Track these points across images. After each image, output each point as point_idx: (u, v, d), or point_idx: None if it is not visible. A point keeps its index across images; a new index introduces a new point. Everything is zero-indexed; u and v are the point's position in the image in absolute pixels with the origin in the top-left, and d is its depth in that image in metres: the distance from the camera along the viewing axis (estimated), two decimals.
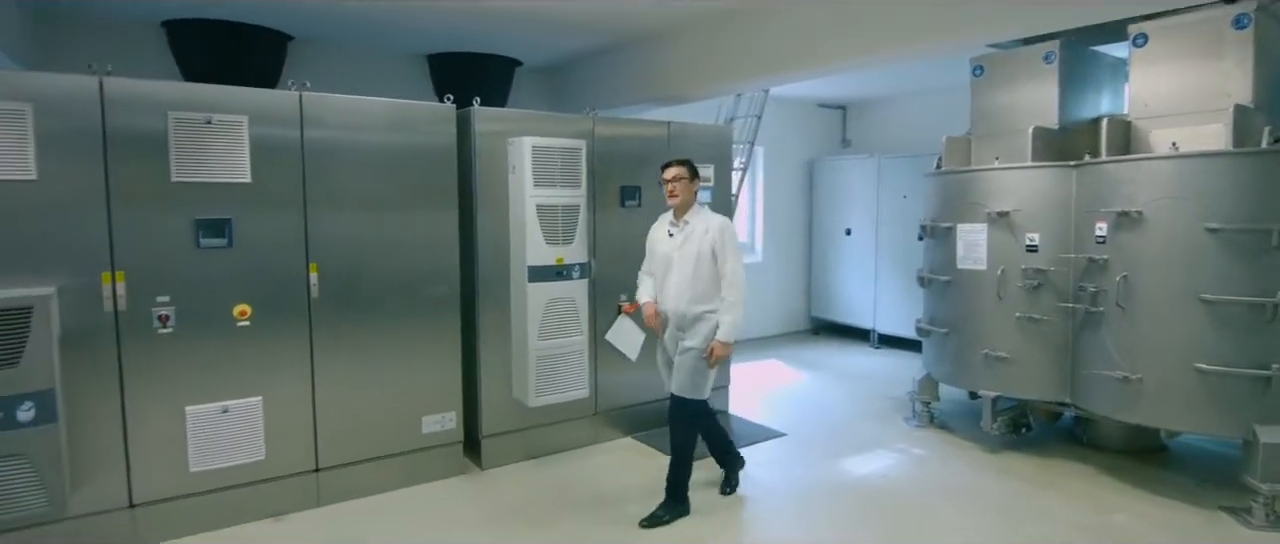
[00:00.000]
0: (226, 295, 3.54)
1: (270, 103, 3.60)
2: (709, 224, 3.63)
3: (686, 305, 3.61)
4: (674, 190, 3.67)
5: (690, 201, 3.70)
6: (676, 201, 3.68)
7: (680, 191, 3.66)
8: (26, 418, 3.00)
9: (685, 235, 3.65)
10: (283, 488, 3.75)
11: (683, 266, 3.63)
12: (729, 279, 3.56)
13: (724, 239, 3.59)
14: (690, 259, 3.61)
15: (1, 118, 3.02)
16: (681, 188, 3.66)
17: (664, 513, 3.70)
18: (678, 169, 3.67)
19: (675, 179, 3.66)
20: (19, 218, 3.08)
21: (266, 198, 3.59)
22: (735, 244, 3.64)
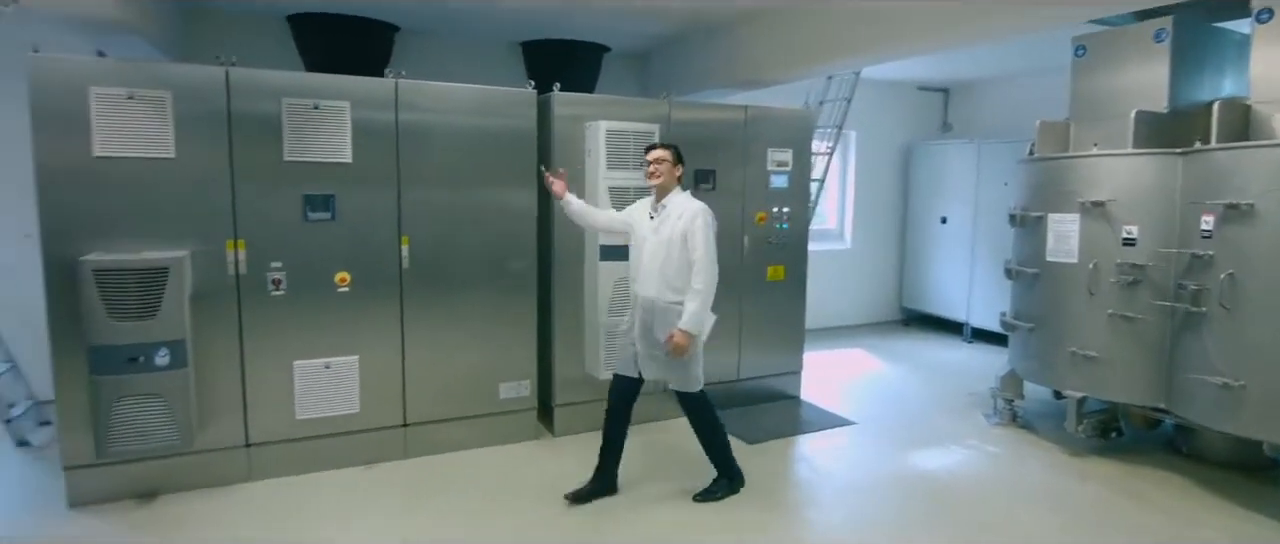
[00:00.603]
0: (329, 264, 3.94)
1: (369, 89, 3.95)
2: (684, 209, 3.53)
3: (657, 292, 3.55)
4: (655, 172, 3.60)
5: (670, 186, 3.63)
6: (657, 182, 3.62)
7: (661, 173, 3.59)
8: (163, 363, 3.50)
9: (661, 219, 3.59)
10: (373, 439, 4.15)
11: (655, 252, 3.56)
12: (697, 266, 3.47)
13: (696, 225, 3.48)
14: (663, 245, 3.54)
15: (147, 103, 3.50)
16: (664, 170, 3.59)
17: (717, 489, 3.80)
18: (661, 151, 3.62)
19: (657, 161, 3.60)
20: (160, 190, 3.57)
21: (365, 176, 3.95)
22: (708, 232, 3.52)
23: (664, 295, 3.55)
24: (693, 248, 3.48)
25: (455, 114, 4.14)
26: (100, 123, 3.43)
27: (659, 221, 3.60)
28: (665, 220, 3.57)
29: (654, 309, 3.58)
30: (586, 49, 5.83)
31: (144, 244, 3.54)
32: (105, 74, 3.43)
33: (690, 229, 3.48)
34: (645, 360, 3.67)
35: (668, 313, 3.53)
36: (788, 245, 5.16)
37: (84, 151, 3.42)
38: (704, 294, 3.47)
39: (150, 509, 3.59)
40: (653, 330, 3.59)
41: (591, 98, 4.57)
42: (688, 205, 3.56)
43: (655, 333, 3.58)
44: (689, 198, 3.64)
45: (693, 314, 3.45)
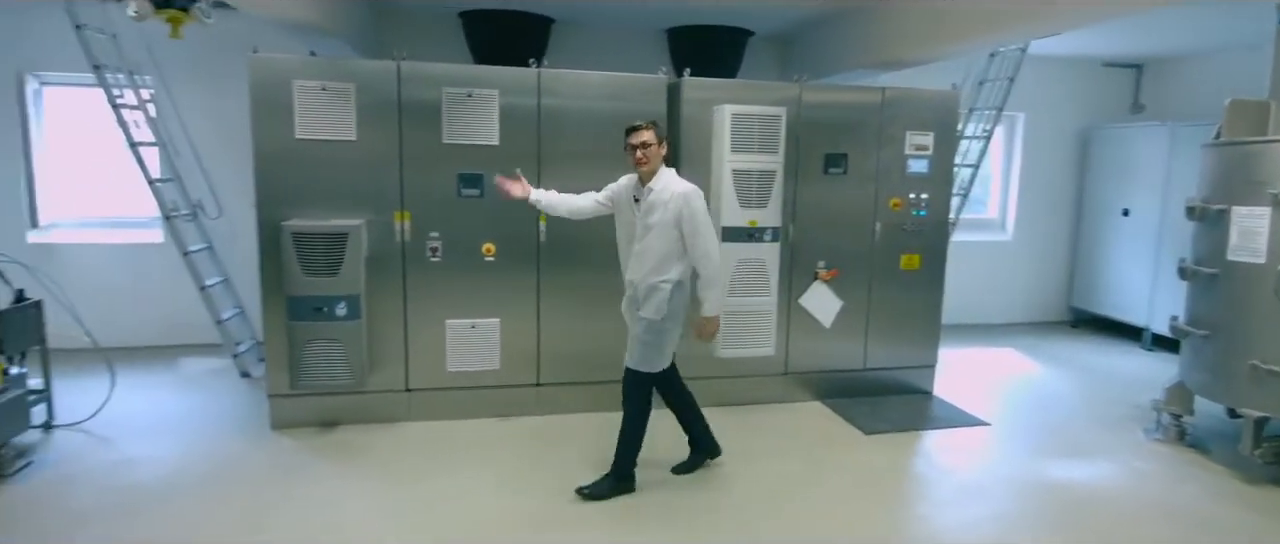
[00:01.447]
0: (478, 235, 4.41)
1: (515, 78, 4.35)
2: (674, 192, 3.36)
3: (642, 276, 3.45)
4: (644, 157, 3.40)
5: (658, 166, 3.46)
6: (648, 168, 3.42)
7: (651, 157, 3.40)
8: (341, 314, 4.14)
9: (649, 203, 3.43)
10: (510, 395, 4.61)
11: (645, 237, 3.43)
12: (701, 258, 3.37)
13: (692, 211, 3.33)
14: (653, 229, 3.41)
15: (336, 94, 4.13)
16: (654, 154, 3.40)
17: (603, 486, 3.56)
18: (648, 133, 3.40)
19: (644, 146, 3.38)
20: (343, 168, 4.20)
21: (510, 156, 4.35)
22: (704, 215, 3.38)
23: (648, 278, 3.44)
24: (694, 238, 3.35)
25: (590, 99, 4.44)
26: (301, 110, 4.10)
27: (646, 205, 3.44)
28: (654, 205, 3.40)
29: (635, 290, 3.52)
30: (728, 33, 5.91)
31: (330, 213, 4.19)
32: (304, 69, 4.09)
33: (684, 214, 3.34)
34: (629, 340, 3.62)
35: (653, 293, 3.42)
36: (924, 233, 4.95)
37: (288, 134, 4.11)
38: (716, 283, 3.45)
39: (329, 436, 4.28)
40: (636, 310, 3.52)
41: (720, 82, 4.66)
42: (676, 188, 3.38)
43: (640, 312, 3.48)
44: (676, 178, 3.46)
45: (714, 302, 3.47)
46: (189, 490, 3.60)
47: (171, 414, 4.63)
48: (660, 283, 3.42)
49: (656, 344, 3.50)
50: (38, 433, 4.22)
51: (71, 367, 4.79)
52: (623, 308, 3.75)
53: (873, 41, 5.28)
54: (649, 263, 3.45)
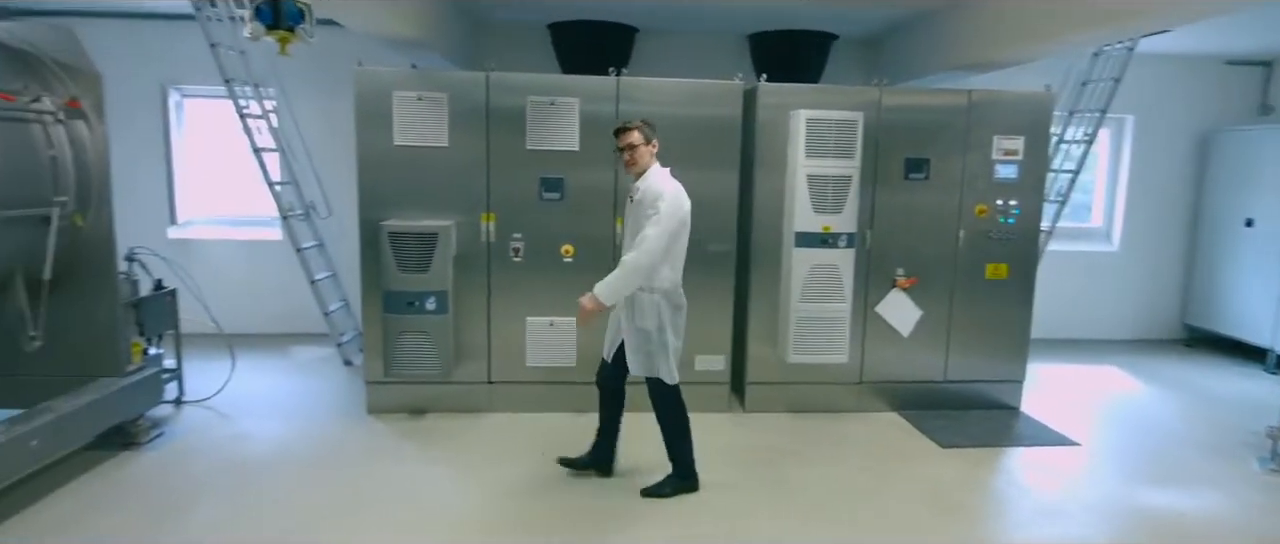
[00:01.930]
0: (557, 237, 4.61)
1: (595, 86, 4.52)
2: (656, 191, 3.36)
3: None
4: (631, 159, 3.43)
5: (648, 165, 3.45)
6: (635, 169, 3.45)
7: (637, 158, 3.41)
8: (431, 308, 4.44)
9: (637, 202, 3.45)
10: (583, 391, 4.72)
11: (629, 235, 3.48)
12: (638, 245, 3.28)
13: (658, 207, 3.30)
14: (631, 228, 3.47)
15: (431, 103, 4.44)
16: (640, 155, 3.41)
17: (665, 486, 3.65)
18: (634, 134, 3.42)
19: (631, 147, 3.41)
20: (436, 172, 4.50)
21: (589, 162, 4.54)
22: (670, 214, 3.30)
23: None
24: (646, 225, 3.30)
25: (668, 105, 4.55)
26: (399, 119, 4.43)
27: (635, 203, 3.48)
28: (640, 204, 3.43)
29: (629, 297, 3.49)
30: (812, 38, 5.88)
31: (423, 214, 4.50)
32: (403, 81, 4.42)
33: (653, 209, 3.32)
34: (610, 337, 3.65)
35: (638, 300, 3.43)
36: (1013, 241, 4.76)
37: (387, 141, 4.45)
38: (629, 269, 3.29)
39: (418, 422, 4.59)
40: (626, 317, 3.51)
41: (796, 87, 4.66)
42: (654, 186, 3.39)
43: (625, 319, 3.51)
44: (659, 177, 3.44)
45: (607, 282, 3.31)
46: (292, 465, 3.96)
47: (282, 396, 5.09)
48: (644, 292, 3.40)
49: (663, 352, 3.48)
50: (170, 407, 4.74)
51: (199, 350, 5.33)
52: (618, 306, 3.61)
53: (963, 42, 5.13)
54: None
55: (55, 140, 3.72)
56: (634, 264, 3.29)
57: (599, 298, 3.32)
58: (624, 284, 3.33)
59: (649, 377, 3.55)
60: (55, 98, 3.77)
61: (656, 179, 3.44)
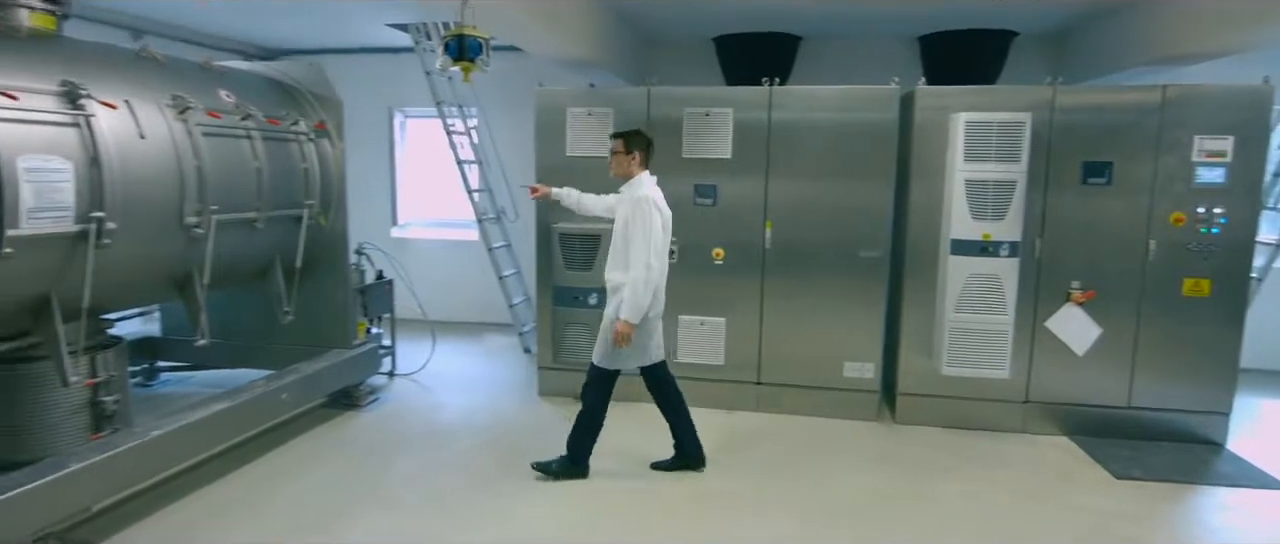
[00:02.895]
0: (709, 240, 4.86)
1: (748, 96, 4.71)
2: (636, 196, 3.63)
3: (609, 272, 3.78)
4: (613, 163, 3.82)
5: (630, 172, 3.77)
6: (616, 173, 3.81)
7: (618, 164, 3.79)
8: (593, 303, 4.88)
9: (620, 204, 3.78)
10: (733, 390, 4.96)
11: (616, 236, 3.73)
12: (634, 262, 3.53)
13: (635, 214, 3.57)
14: (615, 229, 3.74)
15: (598, 117, 4.89)
16: (619, 161, 3.78)
17: (555, 464, 3.84)
18: (615, 142, 3.81)
19: (613, 152, 3.81)
20: (602, 180, 4.88)
21: (740, 169, 4.74)
22: (646, 221, 3.54)
23: (611, 276, 3.74)
24: (631, 239, 3.57)
25: (820, 112, 4.62)
26: (572, 132, 4.94)
27: (620, 205, 3.79)
28: (618, 206, 3.79)
29: (607, 289, 3.79)
30: (987, 37, 5.58)
31: (589, 218, 4.94)
32: (575, 98, 4.92)
33: (631, 217, 3.59)
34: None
35: (615, 293, 3.68)
36: (1218, 254, 4.19)
37: (561, 152, 4.97)
38: (635, 282, 3.51)
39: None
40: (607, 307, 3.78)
41: (958, 89, 4.49)
42: (636, 192, 3.68)
43: (607, 309, 3.77)
44: (642, 183, 3.73)
45: (626, 303, 3.54)
46: (473, 433, 4.59)
47: (472, 375, 5.85)
48: (621, 284, 3.65)
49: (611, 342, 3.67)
50: (384, 378, 5.65)
51: (408, 332, 6.27)
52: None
53: (1163, 33, 4.61)
54: (611, 260, 3.78)
55: (307, 155, 4.66)
56: (638, 275, 3.56)
57: (628, 320, 3.59)
58: (639, 299, 3.57)
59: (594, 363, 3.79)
60: (308, 121, 4.73)
61: (639, 185, 3.75)
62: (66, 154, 3.14)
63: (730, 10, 5.32)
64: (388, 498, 3.71)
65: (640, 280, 3.54)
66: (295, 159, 4.59)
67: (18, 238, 2.95)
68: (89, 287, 3.29)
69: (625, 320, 3.57)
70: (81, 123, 3.22)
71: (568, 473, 3.88)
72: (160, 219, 3.64)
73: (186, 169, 3.73)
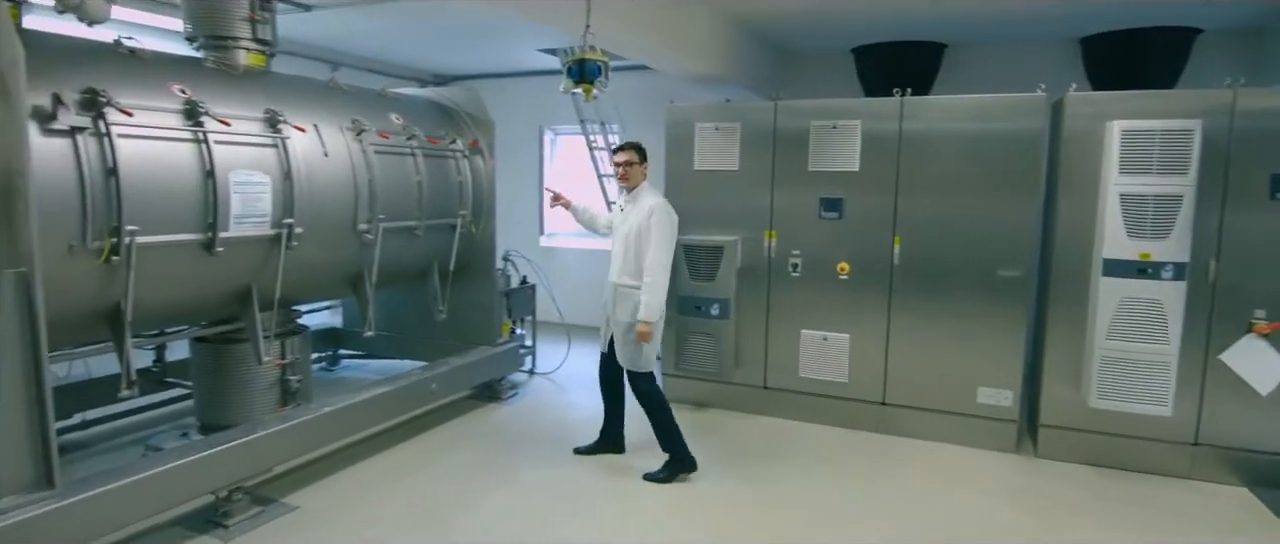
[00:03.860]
0: (834, 254, 4.79)
1: (878, 108, 4.61)
2: (648, 204, 3.88)
3: (617, 277, 3.97)
4: (625, 174, 3.99)
5: (638, 182, 4.00)
6: (627, 183, 4.01)
7: (630, 175, 3.98)
8: (715, 313, 4.98)
9: (627, 213, 3.98)
10: (855, 408, 4.83)
11: (619, 242, 3.98)
12: (648, 262, 3.78)
13: (652, 222, 3.81)
14: (626, 235, 3.93)
15: (725, 132, 5.00)
16: (631, 172, 3.98)
17: (662, 472, 3.98)
18: (627, 154, 3.99)
19: (625, 164, 3.99)
20: (726, 193, 5.04)
21: (868, 182, 4.64)
22: (664, 228, 3.81)
23: (622, 280, 3.94)
24: (646, 243, 3.82)
25: (956, 122, 4.41)
26: (699, 146, 5.09)
27: (625, 214, 4.01)
28: (629, 215, 3.97)
29: (615, 292, 3.98)
30: (1163, 35, 5.02)
31: (714, 230, 5.08)
32: (703, 114, 5.07)
33: (646, 226, 3.83)
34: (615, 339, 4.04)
35: (626, 296, 3.91)
36: None
37: (689, 166, 5.14)
38: (653, 287, 3.77)
39: (699, 413, 5.16)
40: (614, 311, 3.98)
41: (1115, 95, 4.09)
42: (649, 201, 3.92)
43: (616, 313, 3.97)
44: (652, 193, 4.01)
45: (645, 304, 3.78)
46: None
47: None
48: (630, 289, 3.90)
49: (643, 347, 3.90)
50: (525, 375, 6.09)
51: (550, 334, 6.70)
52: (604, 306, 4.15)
53: None
54: (620, 265, 3.97)
55: (461, 171, 5.19)
56: (656, 278, 3.82)
57: (648, 320, 3.82)
58: (655, 299, 3.81)
59: (631, 370, 4.02)
60: (463, 140, 5.26)
61: (648, 195, 4.00)
62: (266, 170, 3.78)
63: (871, 21, 5.22)
64: (512, 482, 4.05)
65: (660, 283, 3.80)
66: (451, 174, 5.12)
67: (227, 239, 3.59)
68: (280, 281, 3.93)
69: (645, 320, 3.81)
70: (279, 144, 3.86)
71: (679, 469, 4.02)
72: (338, 226, 4.24)
73: (360, 183, 4.32)
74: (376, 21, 5.63)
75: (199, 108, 3.47)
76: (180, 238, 3.40)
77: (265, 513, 3.61)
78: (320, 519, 3.59)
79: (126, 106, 3.16)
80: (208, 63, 3.92)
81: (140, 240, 3.20)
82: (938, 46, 5.81)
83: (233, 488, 3.55)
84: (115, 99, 3.12)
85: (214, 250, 3.54)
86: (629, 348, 3.97)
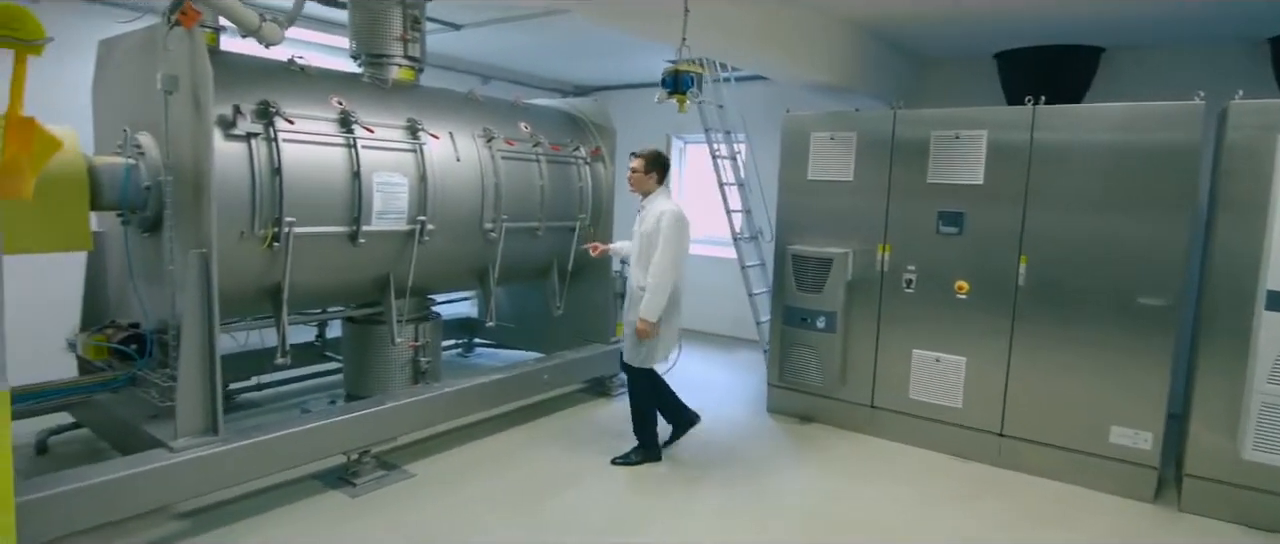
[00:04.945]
0: (952, 272, 4.54)
1: (1007, 117, 4.32)
2: (660, 210, 4.15)
3: (635, 279, 4.26)
4: (631, 180, 4.29)
5: (648, 189, 4.28)
6: (636, 190, 4.31)
7: (637, 182, 4.28)
8: (821, 326, 4.90)
9: (642, 217, 4.27)
10: (970, 436, 4.54)
11: (636, 245, 4.27)
12: (654, 263, 4.06)
13: (661, 225, 4.07)
14: (641, 239, 4.22)
15: (841, 142, 4.90)
16: (637, 179, 4.27)
17: (633, 455, 4.37)
18: (636, 161, 4.27)
19: (633, 171, 4.28)
20: (840, 204, 4.93)
21: (993, 196, 4.36)
22: (673, 232, 4.05)
23: (638, 280, 4.20)
24: (654, 246, 4.09)
25: (1096, 134, 4.03)
26: (814, 156, 5.03)
27: (640, 219, 4.28)
28: (644, 219, 4.24)
29: (631, 293, 4.28)
30: None
31: (826, 241, 4.99)
32: (818, 123, 5.00)
33: (655, 230, 4.11)
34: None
35: (637, 298, 4.17)
36: None
37: (802, 176, 5.09)
38: (656, 287, 4.04)
39: (803, 427, 5.09)
40: (628, 311, 4.28)
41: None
42: (660, 207, 4.19)
43: (627, 313, 4.29)
44: (664, 199, 4.27)
45: (647, 304, 4.06)
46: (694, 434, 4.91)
47: (712, 383, 6.21)
48: (642, 289, 4.14)
49: (649, 345, 4.17)
50: None
51: None
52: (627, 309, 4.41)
53: None
54: (638, 268, 4.23)
55: (582, 176, 5.49)
56: (659, 280, 4.07)
57: (647, 318, 4.09)
58: (657, 299, 4.07)
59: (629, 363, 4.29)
60: (586, 147, 5.57)
61: (660, 201, 4.26)
62: (404, 172, 4.26)
63: (1017, 23, 4.88)
64: (603, 472, 4.24)
65: (664, 286, 4.07)
66: (573, 179, 5.44)
67: (369, 232, 4.10)
68: (413, 271, 4.40)
69: (643, 318, 4.07)
70: (417, 150, 4.33)
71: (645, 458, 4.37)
72: (465, 224, 4.67)
73: (487, 186, 4.73)
74: (520, 37, 6.10)
75: (350, 117, 4.00)
76: (330, 229, 3.94)
77: (387, 477, 4.06)
78: (430, 488, 3.98)
79: (291, 115, 3.73)
80: (364, 78, 4.48)
81: (297, 230, 3.75)
82: (1094, 51, 5.30)
83: (362, 451, 4.03)
84: (283, 109, 3.70)
85: (357, 241, 4.06)
86: (632, 343, 4.25)
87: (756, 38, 4.34)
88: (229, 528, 3.46)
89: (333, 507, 3.73)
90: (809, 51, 4.80)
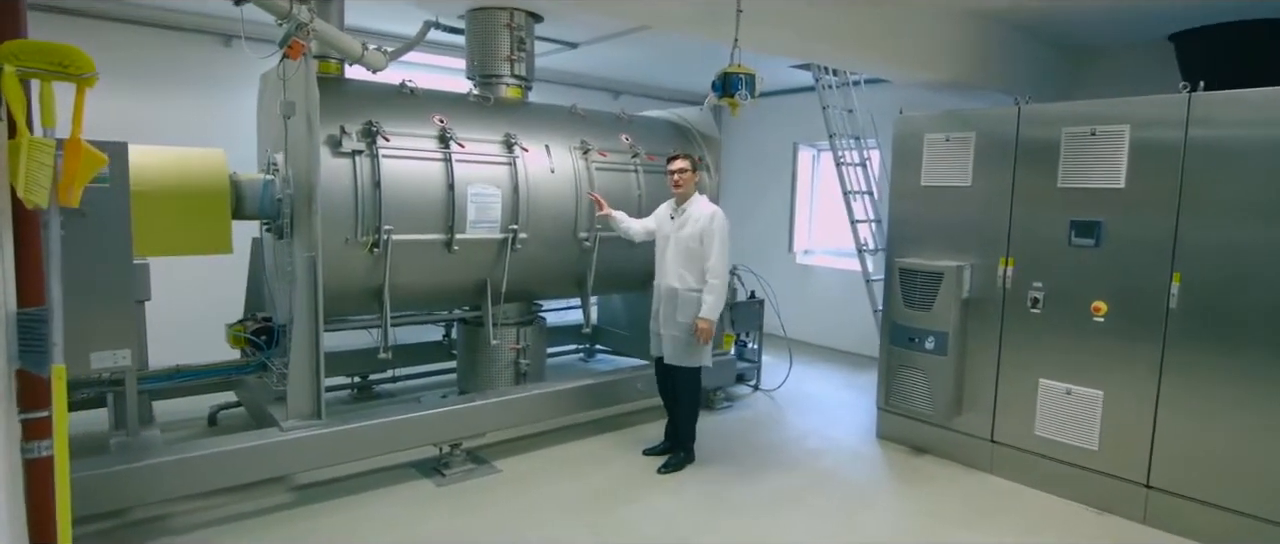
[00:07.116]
0: (1087, 291, 3.91)
1: (1155, 109, 3.65)
2: (703, 213, 4.18)
3: (675, 282, 4.20)
4: (679, 182, 4.24)
5: (691, 192, 4.26)
6: (681, 192, 4.26)
7: (684, 183, 4.23)
8: (929, 347, 4.43)
9: (682, 220, 4.24)
10: (1108, 486, 3.86)
11: (677, 248, 4.22)
12: (712, 265, 4.11)
13: (712, 228, 4.13)
14: (684, 242, 4.19)
15: (958, 143, 4.42)
16: (685, 179, 4.22)
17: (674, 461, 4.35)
18: (683, 162, 4.24)
19: (680, 171, 4.23)
20: (955, 211, 4.44)
21: (1137, 203, 3.69)
22: (722, 234, 4.13)
23: (685, 284, 4.19)
24: (709, 249, 4.12)
25: (1272, 128, 3.27)
26: (928, 160, 4.58)
27: (680, 222, 4.26)
28: (686, 222, 4.23)
29: (675, 297, 4.22)
30: None
31: (940, 253, 4.51)
32: (933, 124, 4.54)
33: (707, 231, 4.13)
34: (665, 341, 4.29)
35: (687, 301, 4.17)
36: None
37: (915, 182, 4.65)
38: (719, 288, 4.11)
39: (912, 459, 4.63)
40: (674, 315, 4.23)
41: None
42: (706, 209, 4.22)
43: (676, 317, 4.21)
44: (707, 202, 4.29)
45: (711, 305, 4.11)
46: (790, 454, 4.68)
47: (827, 402, 5.85)
48: (691, 293, 4.17)
49: (694, 343, 4.17)
50: (748, 389, 6.10)
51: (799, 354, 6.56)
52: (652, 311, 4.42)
53: None
54: (678, 272, 4.20)
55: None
56: (719, 281, 4.13)
57: (710, 318, 4.12)
58: (718, 300, 4.14)
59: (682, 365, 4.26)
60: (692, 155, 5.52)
61: (701, 204, 4.27)
62: (499, 184, 4.50)
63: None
64: (674, 487, 4.16)
65: (723, 285, 4.14)
66: None
67: (463, 240, 4.38)
68: (506, 277, 4.63)
69: (706, 318, 4.10)
70: (512, 162, 4.57)
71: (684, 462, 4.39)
72: (559, 233, 4.83)
73: (582, 196, 4.86)
74: (632, 52, 6.21)
75: (448, 133, 4.31)
76: (425, 237, 4.26)
77: (475, 471, 4.29)
78: (510, 485, 4.15)
79: (390, 134, 4.10)
80: (470, 97, 4.80)
81: (395, 238, 4.10)
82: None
83: (454, 444, 4.30)
84: (383, 128, 4.08)
85: (452, 248, 4.35)
86: (686, 345, 4.23)
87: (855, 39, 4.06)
88: (327, 503, 3.84)
89: (419, 494, 4.00)
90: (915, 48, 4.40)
